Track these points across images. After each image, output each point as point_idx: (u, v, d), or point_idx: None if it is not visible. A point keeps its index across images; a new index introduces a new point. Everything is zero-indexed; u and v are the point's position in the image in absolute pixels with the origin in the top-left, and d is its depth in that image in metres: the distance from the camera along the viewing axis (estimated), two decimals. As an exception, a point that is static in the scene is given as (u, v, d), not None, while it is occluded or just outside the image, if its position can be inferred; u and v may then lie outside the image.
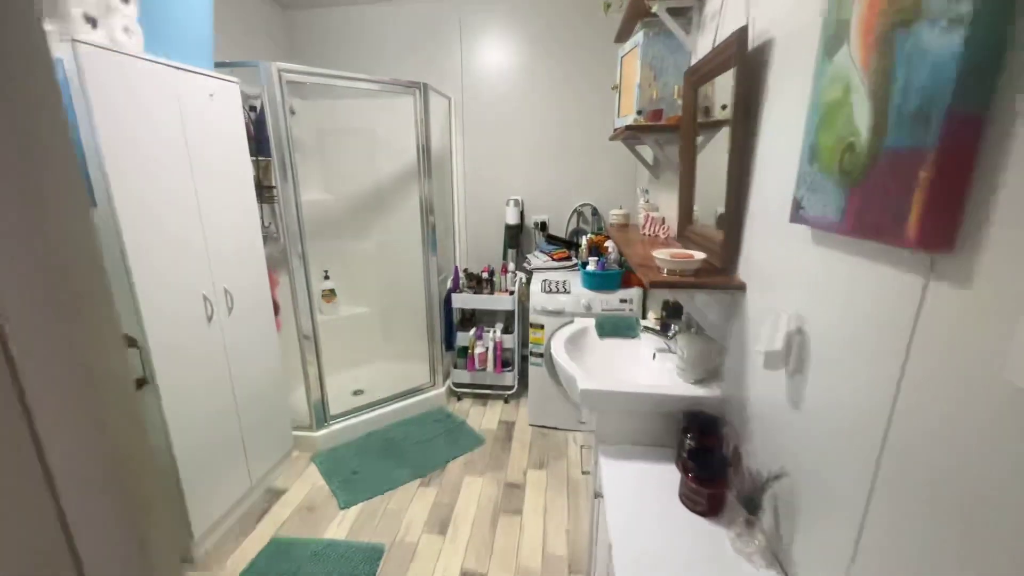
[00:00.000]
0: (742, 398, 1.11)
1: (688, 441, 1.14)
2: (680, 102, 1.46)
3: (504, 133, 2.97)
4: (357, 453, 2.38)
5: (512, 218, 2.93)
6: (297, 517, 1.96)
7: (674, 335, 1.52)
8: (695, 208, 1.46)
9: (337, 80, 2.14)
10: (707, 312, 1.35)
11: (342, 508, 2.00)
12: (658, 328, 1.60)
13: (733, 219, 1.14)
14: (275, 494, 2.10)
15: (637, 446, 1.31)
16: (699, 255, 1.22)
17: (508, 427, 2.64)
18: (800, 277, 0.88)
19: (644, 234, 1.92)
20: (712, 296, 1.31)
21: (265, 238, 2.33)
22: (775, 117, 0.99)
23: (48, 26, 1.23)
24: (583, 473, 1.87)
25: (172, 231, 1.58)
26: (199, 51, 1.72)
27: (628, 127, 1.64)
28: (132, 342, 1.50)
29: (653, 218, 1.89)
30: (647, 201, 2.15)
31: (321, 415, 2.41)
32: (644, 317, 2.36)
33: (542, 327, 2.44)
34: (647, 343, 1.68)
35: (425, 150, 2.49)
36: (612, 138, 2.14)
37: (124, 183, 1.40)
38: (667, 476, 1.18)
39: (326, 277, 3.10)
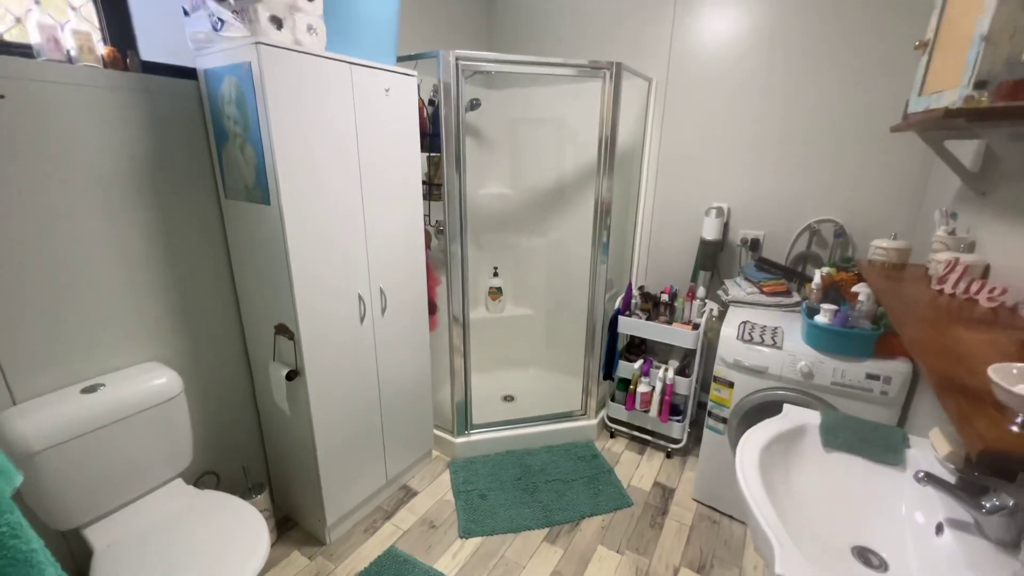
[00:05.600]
0: None
1: None
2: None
3: (716, 120, 2.32)
4: (491, 472, 2.22)
5: (712, 232, 2.30)
6: (418, 530, 1.89)
7: (995, 507, 0.81)
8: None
9: (515, 66, 1.90)
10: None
11: (461, 537, 1.85)
12: (956, 482, 0.90)
13: None
14: (407, 493, 2.09)
15: None
16: None
17: (666, 493, 2.11)
18: None
19: (942, 291, 1.15)
20: None
21: (434, 233, 2.30)
22: None
23: (237, 32, 1.28)
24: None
25: (334, 232, 1.57)
26: (383, 44, 1.68)
27: (951, 112, 0.93)
28: (289, 334, 1.56)
29: (968, 266, 1.11)
30: (952, 233, 1.32)
31: (463, 421, 2.32)
32: (901, 420, 1.52)
33: (731, 385, 1.82)
34: (916, 484, 0.98)
35: (608, 142, 2.08)
36: (898, 128, 1.37)
37: (292, 183, 1.41)
38: None
39: (495, 274, 3.02)
